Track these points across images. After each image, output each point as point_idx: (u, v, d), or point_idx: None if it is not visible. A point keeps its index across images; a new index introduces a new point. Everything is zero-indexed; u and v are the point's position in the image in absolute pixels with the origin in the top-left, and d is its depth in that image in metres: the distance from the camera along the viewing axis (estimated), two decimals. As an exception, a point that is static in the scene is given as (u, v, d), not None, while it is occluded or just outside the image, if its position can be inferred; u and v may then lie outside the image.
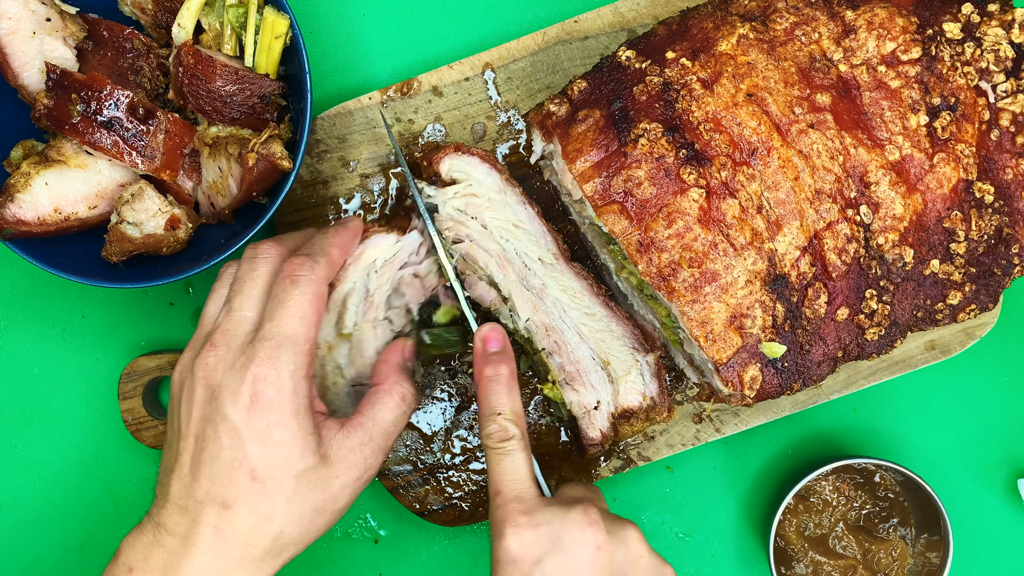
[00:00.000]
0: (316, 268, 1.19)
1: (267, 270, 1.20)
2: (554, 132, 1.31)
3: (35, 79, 1.34)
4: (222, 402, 1.12)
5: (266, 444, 1.11)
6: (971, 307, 1.33)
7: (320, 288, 1.18)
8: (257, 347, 1.13)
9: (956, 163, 1.28)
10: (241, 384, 1.11)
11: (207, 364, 1.14)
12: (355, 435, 1.19)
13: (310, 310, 1.16)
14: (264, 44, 1.33)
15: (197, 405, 1.14)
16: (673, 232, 1.23)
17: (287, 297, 1.16)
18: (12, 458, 1.52)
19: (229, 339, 1.15)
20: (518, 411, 1.25)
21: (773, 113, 1.26)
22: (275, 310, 1.16)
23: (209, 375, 1.14)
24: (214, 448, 1.12)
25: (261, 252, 1.22)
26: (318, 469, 1.15)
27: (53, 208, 1.31)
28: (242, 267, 1.21)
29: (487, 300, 1.40)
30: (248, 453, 1.11)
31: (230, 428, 1.11)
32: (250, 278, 1.19)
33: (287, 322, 1.14)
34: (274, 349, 1.13)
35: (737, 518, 1.55)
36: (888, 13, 1.30)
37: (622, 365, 1.39)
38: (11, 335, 1.52)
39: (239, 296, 1.18)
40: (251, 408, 1.11)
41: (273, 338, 1.13)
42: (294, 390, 1.13)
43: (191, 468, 1.13)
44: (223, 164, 1.33)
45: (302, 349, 1.15)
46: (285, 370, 1.12)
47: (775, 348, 1.24)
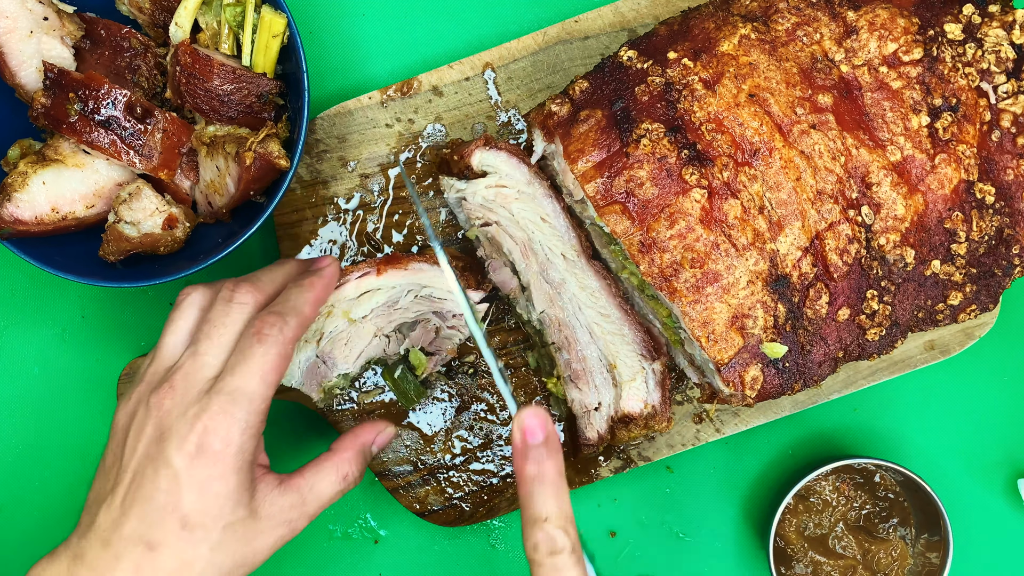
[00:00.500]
0: (285, 329, 1.17)
1: (240, 318, 1.18)
2: (555, 132, 1.30)
3: (32, 78, 1.33)
4: (168, 445, 1.11)
5: (202, 494, 1.10)
6: (972, 307, 1.33)
7: (286, 349, 1.17)
8: (213, 399, 1.12)
9: (957, 164, 1.28)
10: (190, 432, 1.10)
11: (162, 405, 1.13)
12: (289, 496, 1.18)
13: (271, 371, 1.15)
14: (261, 43, 1.33)
15: (143, 442, 1.13)
16: (675, 232, 1.23)
17: (252, 354, 1.14)
18: (12, 458, 1.51)
19: (188, 384, 1.14)
20: (568, 515, 1.11)
21: (775, 114, 1.26)
22: (237, 364, 1.14)
23: (162, 416, 1.13)
24: (150, 488, 1.11)
25: (237, 298, 1.20)
26: (246, 522, 1.14)
27: (51, 207, 1.31)
28: (216, 309, 1.19)
29: (508, 287, 1.40)
30: (183, 500, 1.10)
31: (171, 473, 1.10)
32: (222, 323, 1.18)
33: (247, 380, 1.13)
34: (229, 404, 1.12)
35: (737, 518, 1.55)
36: (890, 14, 1.30)
37: (628, 370, 1.38)
38: (11, 335, 1.52)
39: (207, 341, 1.17)
40: (195, 457, 1.10)
41: (231, 393, 1.12)
42: (240, 447, 1.12)
43: (122, 503, 1.12)
44: (221, 163, 1.32)
45: (257, 408, 1.13)
46: (236, 427, 1.11)
47: (776, 348, 1.24)
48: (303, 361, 1.34)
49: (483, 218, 1.39)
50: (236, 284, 1.21)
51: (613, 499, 1.54)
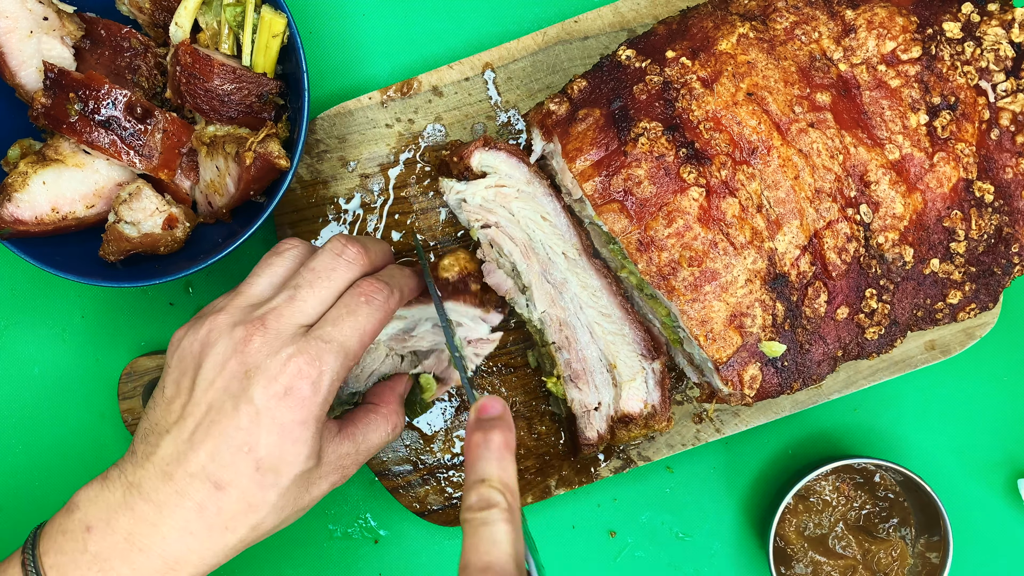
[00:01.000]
0: (390, 299, 1.18)
1: (347, 276, 1.19)
2: (554, 131, 1.31)
3: (33, 78, 1.34)
4: (254, 383, 1.08)
5: (282, 439, 1.08)
6: (971, 306, 1.33)
7: (386, 317, 1.18)
8: (311, 343, 1.11)
9: (956, 162, 1.28)
10: (281, 373, 1.09)
11: (251, 340, 1.11)
12: (346, 444, 1.20)
13: (370, 333, 1.16)
14: (261, 43, 1.33)
15: (224, 376, 1.10)
16: (673, 231, 1.23)
17: (358, 311, 1.15)
18: (12, 458, 1.51)
19: (282, 325, 1.12)
20: (508, 483, 1.06)
21: (773, 112, 1.26)
22: (342, 317, 1.14)
23: (250, 352, 1.10)
24: (227, 424, 1.08)
25: (347, 255, 1.19)
26: (312, 471, 1.14)
27: (51, 207, 1.31)
28: (323, 259, 1.18)
29: (503, 288, 1.40)
30: (261, 441, 1.08)
31: (253, 411, 1.08)
32: (327, 276, 1.17)
33: (348, 333, 1.13)
34: (327, 352, 1.11)
35: (737, 518, 1.55)
36: (888, 12, 1.30)
37: (628, 370, 1.38)
38: (11, 335, 1.52)
39: (308, 288, 1.16)
40: (282, 399, 1.08)
41: (330, 341, 1.12)
42: (326, 397, 1.11)
43: (191, 436, 1.09)
44: (220, 163, 1.32)
45: (348, 364, 1.14)
46: (328, 376, 1.11)
47: (775, 347, 1.24)
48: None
49: (483, 220, 1.39)
50: (348, 241, 1.21)
51: (613, 499, 1.54)
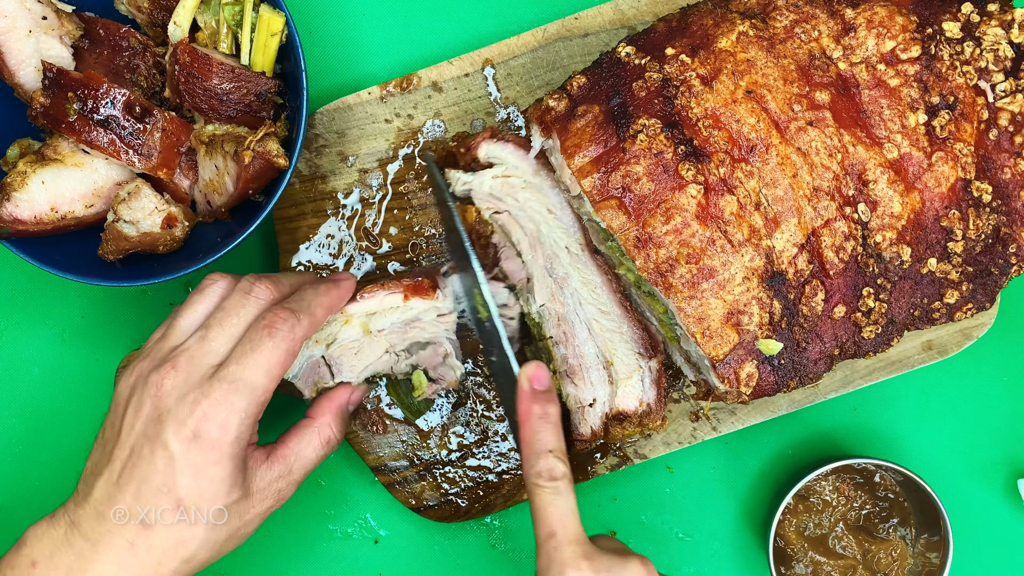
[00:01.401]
0: (296, 327, 1.18)
1: (254, 311, 1.20)
2: (553, 127, 1.31)
3: (31, 77, 1.34)
4: (165, 428, 1.12)
5: (198, 479, 1.12)
6: (968, 306, 1.32)
7: (294, 346, 1.18)
8: (215, 385, 1.13)
9: (954, 162, 1.28)
10: (188, 417, 1.12)
11: (163, 385, 1.14)
12: (276, 467, 1.21)
13: (277, 365, 1.16)
14: (260, 42, 1.33)
15: (141, 420, 1.14)
16: (671, 228, 1.23)
17: (261, 346, 1.16)
18: (12, 458, 1.52)
19: (192, 367, 1.15)
20: (565, 452, 1.22)
21: (772, 110, 1.26)
22: (244, 355, 1.15)
23: (162, 396, 1.14)
24: (146, 468, 1.12)
25: (255, 292, 1.21)
26: (240, 502, 1.16)
27: (50, 207, 1.31)
28: (232, 298, 1.21)
29: (517, 277, 1.40)
30: (178, 483, 1.11)
31: (167, 455, 1.11)
32: (235, 313, 1.19)
33: (252, 371, 1.15)
34: (231, 392, 1.13)
35: (737, 518, 1.55)
36: (888, 11, 1.30)
37: (625, 368, 1.38)
38: (11, 335, 1.52)
39: (218, 327, 1.18)
40: (191, 442, 1.11)
41: (234, 381, 1.14)
42: (238, 436, 1.13)
43: (119, 479, 1.13)
44: (219, 162, 1.33)
45: (257, 399, 1.15)
46: (235, 416, 1.13)
47: (772, 345, 1.24)
48: (306, 358, 1.34)
49: (494, 207, 1.39)
50: (257, 279, 1.23)
51: (613, 499, 1.54)
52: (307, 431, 1.26)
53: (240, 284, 1.22)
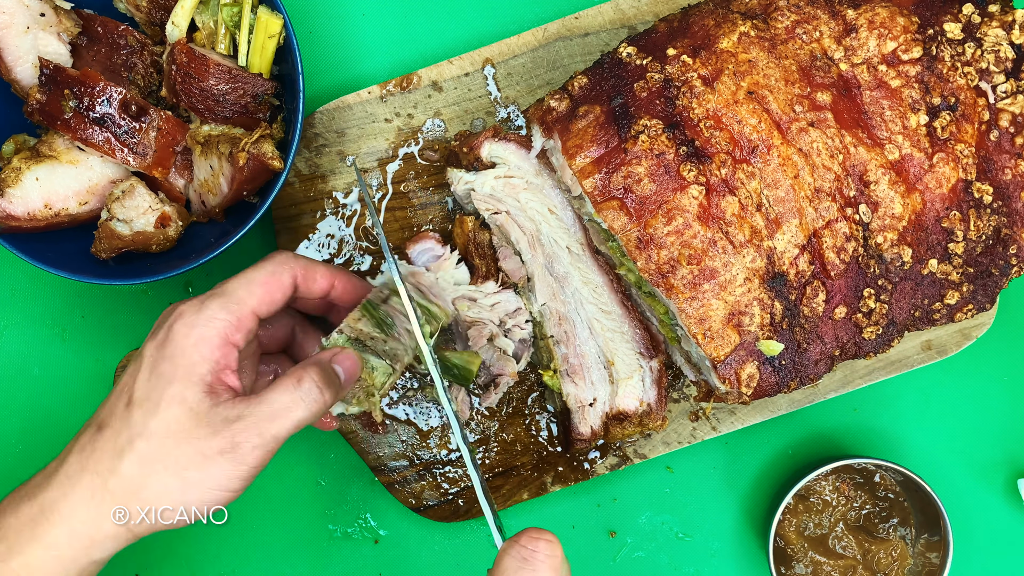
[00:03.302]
0: (291, 259, 1.18)
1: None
2: (554, 128, 1.30)
3: (28, 74, 1.34)
4: (146, 344, 1.12)
5: (153, 374, 1.09)
6: (968, 307, 1.32)
7: (282, 274, 1.16)
8: (191, 300, 1.12)
9: (955, 163, 1.28)
10: (164, 322, 1.11)
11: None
12: (239, 408, 1.09)
13: (259, 281, 1.14)
14: (258, 43, 1.33)
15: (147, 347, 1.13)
16: (672, 229, 1.23)
17: (247, 269, 1.16)
18: (12, 458, 1.51)
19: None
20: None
21: (773, 111, 1.26)
22: (231, 278, 1.15)
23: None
24: (118, 384, 1.12)
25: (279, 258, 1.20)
26: (194, 415, 1.08)
27: (44, 203, 1.31)
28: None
29: (517, 275, 1.40)
30: (137, 381, 1.09)
31: (136, 363, 1.11)
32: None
33: (232, 283, 1.14)
34: (205, 298, 1.12)
35: (737, 518, 1.55)
36: (889, 12, 1.30)
37: (625, 368, 1.38)
38: (11, 335, 1.52)
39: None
40: (161, 346, 1.09)
41: (210, 294, 1.13)
42: (203, 336, 1.09)
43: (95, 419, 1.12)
44: (215, 163, 1.32)
45: (232, 307, 1.12)
46: (204, 314, 1.10)
47: (773, 346, 1.24)
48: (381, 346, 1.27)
49: (493, 207, 1.39)
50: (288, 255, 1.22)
51: (613, 499, 1.54)
52: (287, 379, 1.13)
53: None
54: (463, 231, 1.41)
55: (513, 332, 1.40)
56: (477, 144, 1.38)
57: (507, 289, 1.40)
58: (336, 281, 1.23)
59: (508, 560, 1.06)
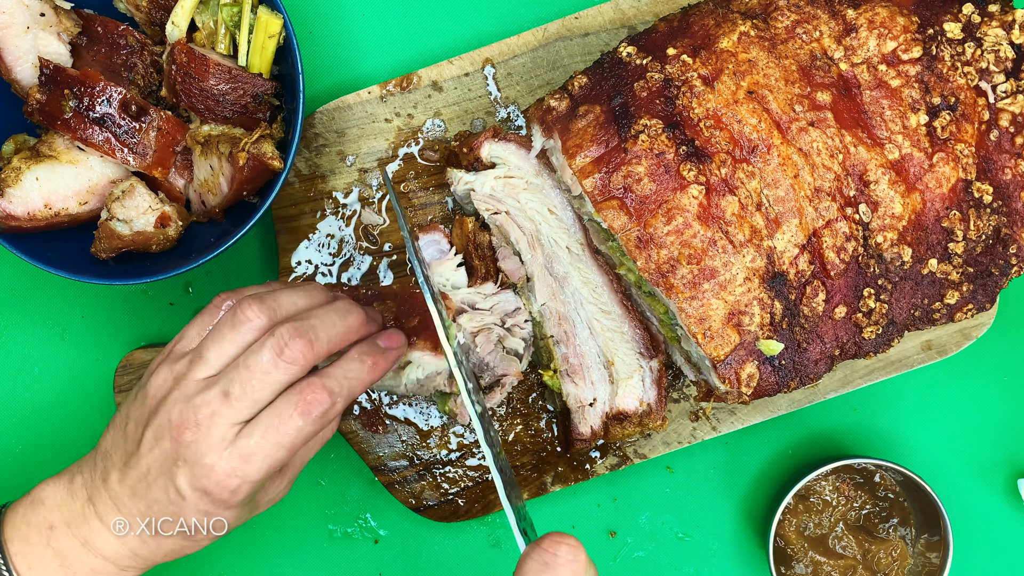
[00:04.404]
0: (330, 411, 1.12)
1: (284, 380, 1.10)
2: (554, 127, 1.30)
3: (28, 74, 1.34)
4: (180, 473, 1.10)
5: (207, 518, 1.14)
6: (968, 307, 1.32)
7: (324, 429, 1.16)
8: (236, 454, 1.09)
9: (955, 163, 1.28)
10: (203, 477, 1.09)
11: (184, 433, 1.10)
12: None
13: (300, 443, 1.12)
14: (258, 43, 1.33)
15: (161, 449, 1.11)
16: (672, 228, 1.23)
17: (288, 425, 1.09)
18: (12, 458, 1.51)
19: (213, 425, 1.09)
20: None
21: (773, 111, 1.26)
22: (270, 430, 1.10)
23: (182, 443, 1.09)
24: (158, 495, 1.12)
25: (288, 355, 1.11)
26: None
27: (43, 203, 1.31)
28: (261, 358, 1.10)
29: (516, 275, 1.40)
30: (186, 516, 1.13)
31: (178, 495, 1.11)
32: (261, 381, 1.10)
33: (273, 448, 1.10)
34: (248, 465, 1.09)
35: (737, 518, 1.55)
36: (889, 12, 1.30)
37: (626, 368, 1.38)
38: (11, 335, 1.52)
39: (242, 390, 1.10)
40: (203, 496, 1.10)
41: (252, 455, 1.09)
42: (248, 495, 1.12)
43: (133, 487, 1.14)
44: (214, 163, 1.32)
45: (272, 468, 1.11)
46: (247, 484, 1.11)
47: (772, 346, 1.24)
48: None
49: (492, 208, 1.39)
50: (292, 335, 1.10)
51: (613, 499, 1.54)
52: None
53: (272, 339, 1.10)
54: (463, 232, 1.41)
55: (513, 332, 1.40)
56: (477, 144, 1.38)
57: (506, 289, 1.40)
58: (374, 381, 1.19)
59: (529, 563, 1.06)
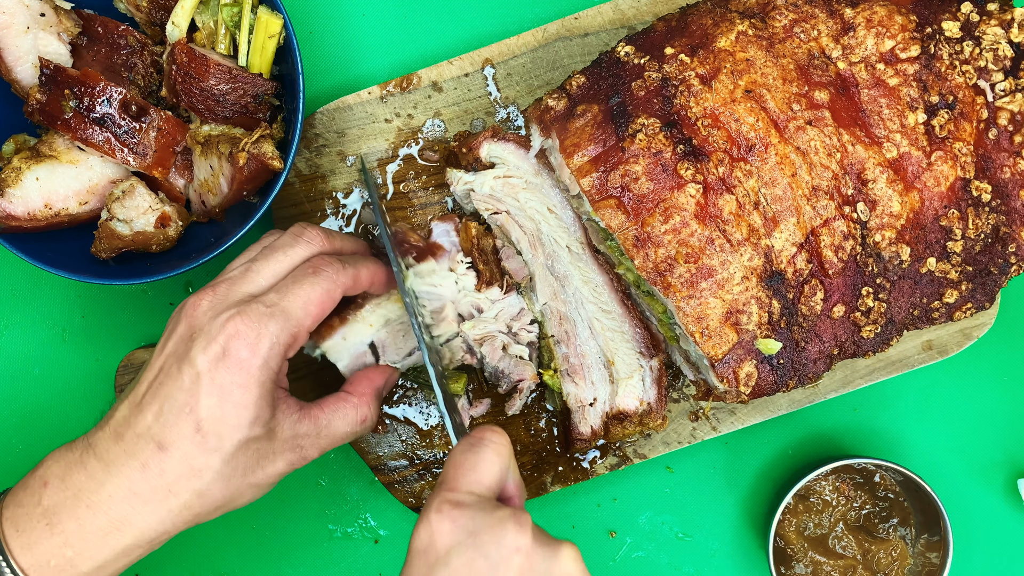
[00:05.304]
0: (341, 273, 1.18)
1: (302, 253, 1.20)
2: (552, 127, 1.31)
3: (28, 74, 1.34)
4: (195, 344, 1.11)
5: (222, 401, 1.10)
6: (967, 306, 1.32)
7: (335, 291, 1.17)
8: (251, 307, 1.12)
9: (954, 161, 1.28)
10: (219, 334, 1.10)
11: (198, 305, 1.14)
12: (306, 424, 1.19)
13: (315, 302, 1.15)
14: (258, 44, 1.33)
15: (173, 340, 1.14)
16: (670, 227, 1.23)
17: (302, 281, 1.16)
18: (12, 458, 1.52)
19: (231, 291, 1.15)
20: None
21: (771, 110, 1.26)
22: (286, 286, 1.15)
23: (196, 316, 1.13)
24: (171, 386, 1.10)
25: (306, 236, 1.22)
26: (261, 441, 1.14)
27: (44, 203, 1.31)
28: (283, 239, 1.21)
29: (520, 275, 1.40)
30: (201, 403, 1.09)
31: (193, 373, 1.10)
32: (283, 252, 1.19)
33: (290, 299, 1.14)
34: (266, 316, 1.12)
35: (737, 518, 1.55)
36: (887, 11, 1.30)
37: (626, 368, 1.38)
38: (11, 335, 1.52)
39: (264, 261, 1.18)
40: (220, 360, 1.10)
41: (271, 306, 1.13)
42: (266, 360, 1.12)
43: (142, 399, 1.12)
44: (214, 163, 1.33)
45: (291, 328, 1.14)
46: (266, 338, 1.11)
47: (771, 345, 1.24)
48: (356, 345, 1.32)
49: (492, 207, 1.39)
50: (310, 225, 1.24)
51: (612, 499, 1.54)
52: (345, 404, 1.24)
53: (294, 227, 1.23)
54: (467, 236, 1.41)
55: (521, 336, 1.40)
56: (476, 145, 1.39)
57: (511, 292, 1.40)
58: (375, 277, 1.26)
59: (458, 446, 1.10)
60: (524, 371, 1.40)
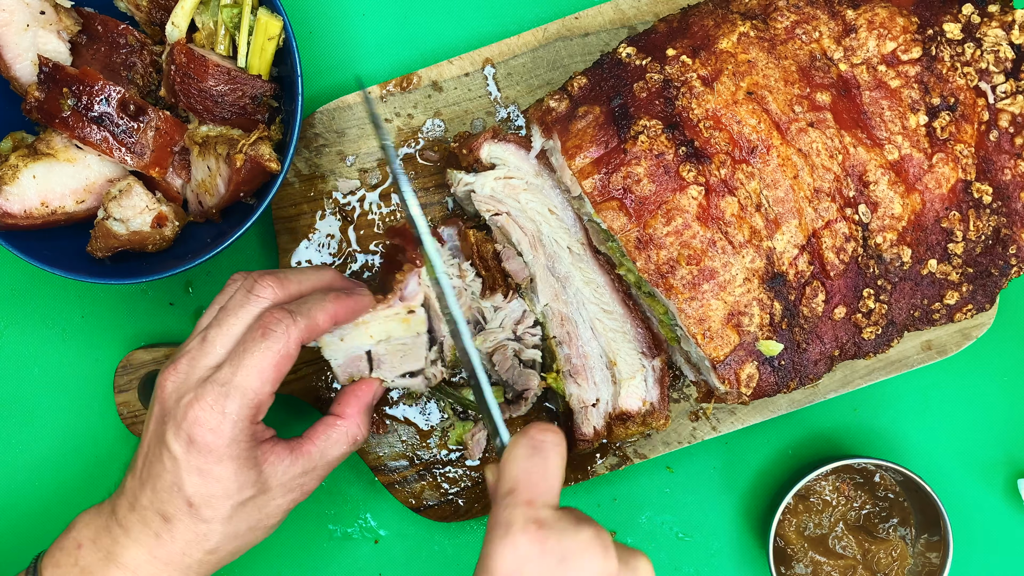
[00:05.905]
0: (291, 328, 1.16)
1: (254, 311, 1.18)
2: (554, 128, 1.30)
3: (27, 71, 1.34)
4: (167, 430, 1.14)
5: (203, 479, 1.13)
6: (968, 307, 1.32)
7: (290, 348, 1.16)
8: (206, 390, 1.13)
9: (955, 163, 1.28)
10: (183, 421, 1.13)
11: (164, 386, 1.16)
12: (300, 463, 1.20)
13: (270, 367, 1.15)
14: (257, 45, 1.33)
15: (153, 420, 1.17)
16: (672, 229, 1.23)
17: (253, 348, 1.15)
18: (11, 458, 1.51)
19: (191, 368, 1.16)
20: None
21: (773, 111, 1.26)
22: (237, 357, 1.15)
23: (164, 398, 1.16)
24: (158, 467, 1.14)
25: (256, 289, 1.19)
26: (256, 497, 1.17)
27: (40, 201, 1.31)
28: (235, 298, 1.20)
29: (521, 276, 1.40)
30: (185, 483, 1.13)
31: (171, 457, 1.13)
32: (234, 316, 1.18)
33: (243, 374, 1.14)
34: (221, 397, 1.13)
35: (737, 518, 1.55)
36: (889, 13, 1.30)
37: (628, 368, 1.38)
38: (11, 335, 1.52)
39: (217, 329, 1.18)
40: (188, 446, 1.12)
41: (224, 384, 1.13)
42: (233, 438, 1.13)
43: (140, 475, 1.17)
44: (212, 163, 1.32)
45: (250, 402, 1.14)
46: (226, 421, 1.13)
47: (772, 346, 1.24)
48: (353, 348, 1.31)
49: (493, 208, 1.39)
50: (262, 276, 1.21)
51: (613, 499, 1.54)
52: (334, 430, 1.25)
53: (244, 282, 1.21)
54: (468, 243, 1.40)
55: (526, 339, 1.40)
56: (476, 145, 1.38)
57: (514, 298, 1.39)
58: (337, 316, 1.23)
59: (518, 449, 1.06)
60: (530, 380, 1.40)
